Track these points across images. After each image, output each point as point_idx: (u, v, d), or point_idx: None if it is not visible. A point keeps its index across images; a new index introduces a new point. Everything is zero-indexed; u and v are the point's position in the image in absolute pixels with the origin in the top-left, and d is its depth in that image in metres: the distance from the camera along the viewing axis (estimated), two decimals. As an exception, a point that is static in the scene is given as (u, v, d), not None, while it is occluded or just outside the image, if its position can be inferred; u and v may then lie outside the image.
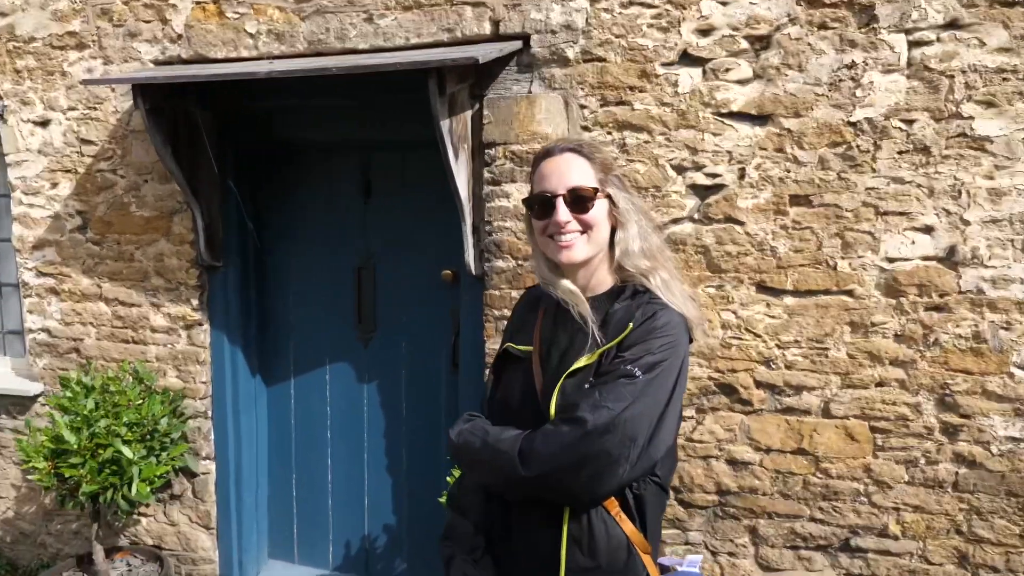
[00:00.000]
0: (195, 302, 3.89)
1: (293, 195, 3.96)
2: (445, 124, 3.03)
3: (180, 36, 3.69)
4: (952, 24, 2.75)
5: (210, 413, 3.97)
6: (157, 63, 3.75)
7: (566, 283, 1.79)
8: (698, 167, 3.04)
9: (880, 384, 2.97)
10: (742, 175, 3.01)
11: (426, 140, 3.28)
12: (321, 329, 3.97)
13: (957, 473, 2.93)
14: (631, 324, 1.67)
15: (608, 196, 1.76)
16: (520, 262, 3.30)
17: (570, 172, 1.74)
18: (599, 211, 1.74)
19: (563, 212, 1.72)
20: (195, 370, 3.94)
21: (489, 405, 1.87)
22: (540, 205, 1.76)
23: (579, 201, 1.72)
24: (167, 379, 3.96)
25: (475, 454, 1.74)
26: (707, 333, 3.04)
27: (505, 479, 1.68)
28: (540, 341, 1.80)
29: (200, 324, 3.91)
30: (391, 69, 2.83)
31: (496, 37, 3.20)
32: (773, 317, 3.04)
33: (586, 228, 1.73)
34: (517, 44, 3.13)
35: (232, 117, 3.77)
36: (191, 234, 3.82)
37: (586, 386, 1.65)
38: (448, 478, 3.12)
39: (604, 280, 1.80)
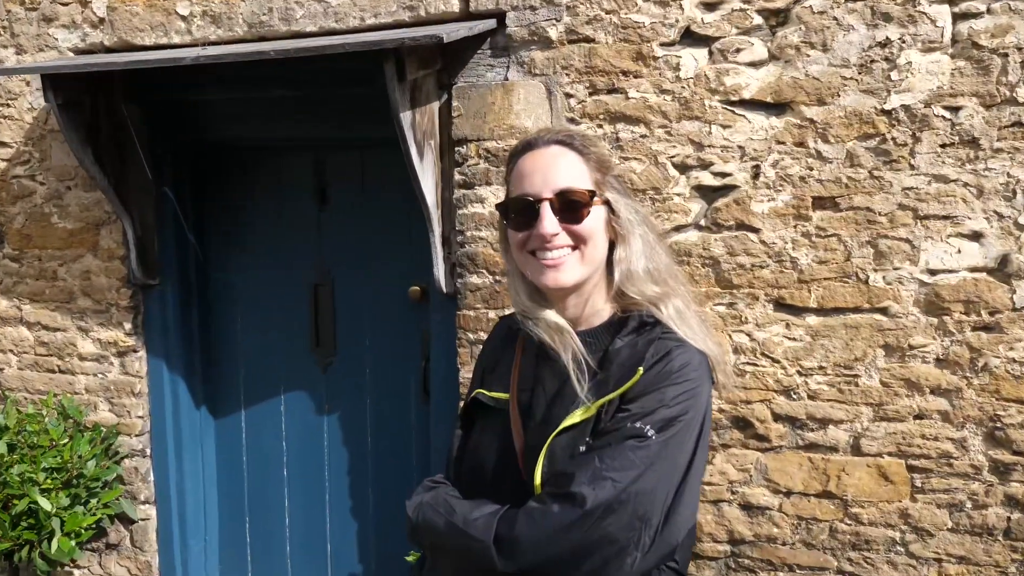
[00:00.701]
0: (128, 326, 3.42)
1: (240, 202, 3.50)
2: (406, 117, 2.57)
3: (102, 20, 3.20)
4: (1005, -8, 2.33)
5: (149, 451, 3.52)
6: (77, 51, 3.26)
7: (551, 315, 1.39)
8: (705, 165, 2.60)
9: (919, 416, 2.55)
10: (756, 174, 2.57)
11: (387, 138, 2.84)
12: (274, 354, 3.52)
13: (1009, 519, 2.52)
14: (640, 368, 1.29)
15: (607, 202, 1.39)
16: (498, 278, 2.85)
17: (558, 170, 1.37)
18: (595, 221, 1.37)
19: (549, 222, 1.35)
20: (130, 403, 3.47)
21: (456, 468, 1.49)
22: (519, 212, 1.39)
23: (570, 208, 1.36)
24: (98, 413, 3.49)
25: (438, 537, 1.37)
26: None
27: (477, 573, 1.30)
28: (519, 387, 1.42)
29: (135, 350, 3.44)
30: (339, 51, 2.38)
31: (466, 16, 2.75)
32: (794, 339, 2.61)
33: (578, 243, 1.37)
34: (490, 23, 2.68)
35: (167, 114, 3.32)
36: (121, 248, 3.36)
37: (581, 448, 1.29)
38: (408, 557, 2.65)
39: (600, 309, 1.42)
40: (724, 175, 2.60)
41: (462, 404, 1.54)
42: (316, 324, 3.45)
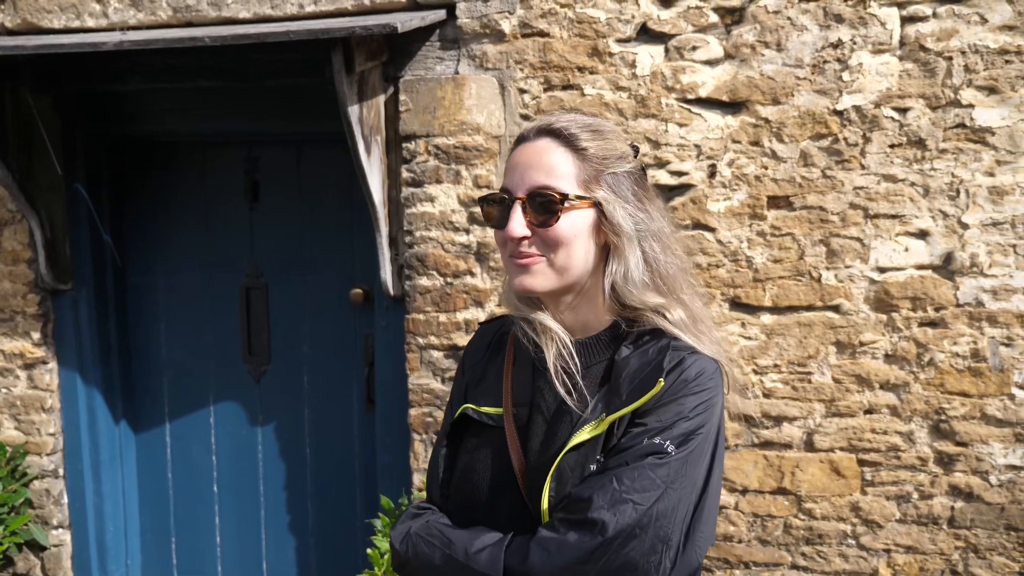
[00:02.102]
0: (36, 335, 3.13)
1: (163, 201, 3.26)
2: (354, 111, 2.43)
3: (4, 0, 2.90)
4: (950, -3, 2.39)
5: (61, 471, 3.24)
6: (-26, 34, 2.95)
7: (542, 317, 1.27)
8: (661, 163, 2.58)
9: (869, 411, 2.60)
10: (712, 173, 2.56)
11: (327, 133, 2.70)
12: (202, 363, 3.30)
13: (953, 508, 2.60)
14: (661, 380, 1.18)
15: (597, 204, 1.23)
16: (449, 279, 2.74)
17: (539, 166, 1.23)
18: (571, 226, 1.22)
19: (517, 223, 1.22)
20: (40, 419, 3.18)
21: (443, 492, 1.34)
22: (496, 209, 1.26)
23: (540, 210, 1.21)
24: (4, 432, 3.20)
25: (434, 573, 1.23)
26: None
27: None
28: (513, 401, 1.29)
29: (44, 362, 3.15)
30: (283, 39, 2.22)
31: (413, 5, 2.63)
32: (749, 338, 2.62)
33: (546, 250, 1.23)
34: (440, 14, 2.57)
35: (81, 105, 3.06)
36: (28, 251, 3.08)
37: (592, 467, 1.18)
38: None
39: (598, 319, 1.29)
40: (681, 174, 2.58)
41: (448, 422, 1.38)
42: (248, 330, 3.25)
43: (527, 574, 1.14)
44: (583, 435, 1.19)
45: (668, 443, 1.15)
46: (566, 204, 1.20)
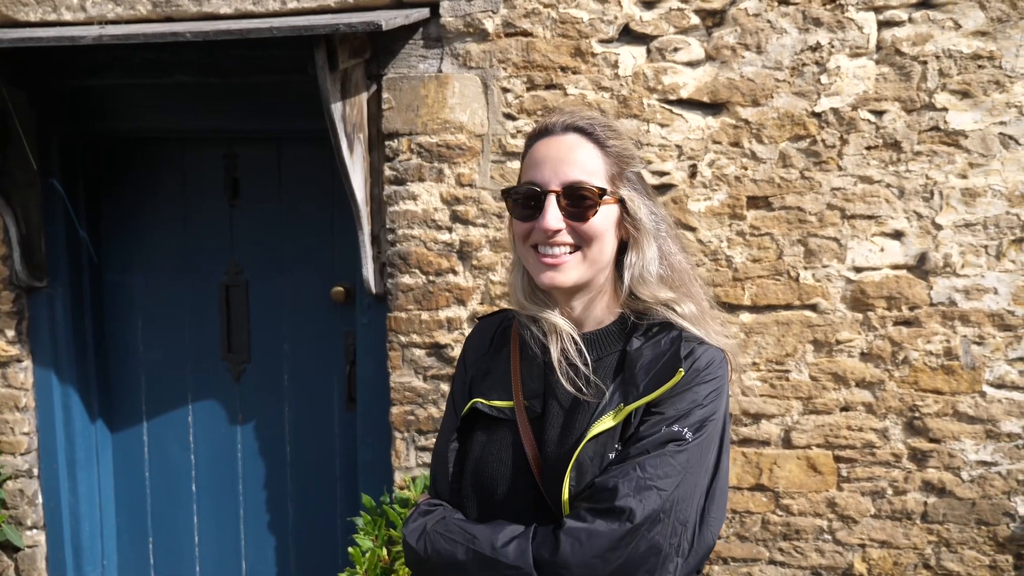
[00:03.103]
0: (11, 333, 3.09)
1: (141, 197, 3.23)
2: (337, 108, 2.42)
3: (-22, -8, 2.86)
4: (925, 3, 2.44)
5: (36, 471, 3.20)
6: (-53, 27, 2.90)
7: (551, 315, 1.30)
8: (643, 164, 2.59)
9: (845, 408, 2.65)
10: (693, 173, 2.59)
11: (308, 131, 2.69)
12: (180, 361, 3.27)
13: (926, 503, 2.65)
14: (680, 370, 1.22)
15: (620, 201, 1.30)
16: (431, 278, 2.74)
17: (572, 161, 1.27)
18: (603, 220, 1.28)
19: (553, 216, 1.26)
20: (14, 419, 3.14)
21: (455, 486, 1.35)
22: (524, 202, 1.30)
23: (577, 204, 1.26)
24: (-25, 432, 3.13)
25: (459, 570, 1.22)
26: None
27: None
28: (524, 395, 1.32)
29: (18, 360, 3.11)
30: (266, 36, 2.21)
31: (397, 4, 2.63)
32: (728, 337, 2.64)
33: (581, 243, 1.28)
34: (424, 12, 2.57)
35: (58, 100, 3.01)
36: (2, 247, 3.05)
37: (611, 456, 1.21)
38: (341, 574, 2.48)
39: (607, 312, 1.34)
40: (662, 174, 2.60)
41: (454, 415, 1.38)
42: (228, 328, 3.22)
43: (559, 564, 1.15)
44: (602, 425, 1.22)
45: (686, 430, 1.20)
46: (603, 198, 1.25)
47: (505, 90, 2.62)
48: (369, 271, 2.76)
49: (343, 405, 3.12)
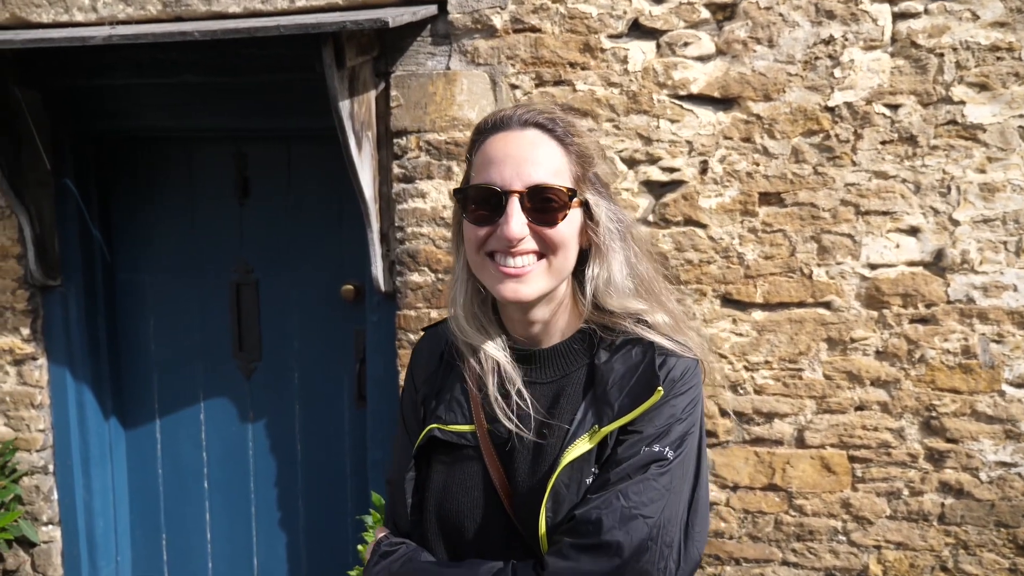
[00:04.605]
0: (26, 331, 3.12)
1: (153, 196, 3.24)
2: (345, 106, 2.42)
3: (-9, -6, 2.88)
4: (941, -7, 2.38)
5: (51, 468, 3.22)
6: (-39, 28, 2.92)
7: (491, 348, 1.19)
8: (653, 160, 2.57)
9: (860, 408, 2.60)
10: (704, 169, 2.55)
11: (317, 129, 2.68)
12: (192, 359, 3.28)
13: (943, 504, 2.60)
14: (659, 388, 1.12)
15: (584, 204, 1.17)
16: (440, 276, 2.73)
17: (534, 160, 1.13)
18: (570, 226, 1.16)
19: (517, 222, 1.11)
20: (29, 416, 3.17)
21: (414, 519, 1.23)
22: (481, 205, 1.14)
23: (544, 208, 1.13)
24: (-8, 429, 3.17)
25: None
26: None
27: None
28: (485, 413, 1.19)
29: (34, 358, 3.14)
30: (273, 34, 2.20)
31: (404, 0, 2.61)
32: (740, 335, 2.62)
33: (547, 251, 1.15)
34: (431, 9, 2.55)
35: (70, 100, 3.03)
36: (17, 246, 3.06)
37: (587, 480, 1.12)
38: (351, 572, 2.47)
39: (569, 324, 1.22)
40: (672, 170, 2.57)
41: (405, 442, 1.24)
42: (239, 327, 3.23)
43: None
44: (577, 450, 1.13)
45: (667, 449, 1.12)
46: (573, 201, 1.14)
47: (514, 87, 2.60)
48: (378, 269, 2.76)
49: (353, 403, 3.12)
